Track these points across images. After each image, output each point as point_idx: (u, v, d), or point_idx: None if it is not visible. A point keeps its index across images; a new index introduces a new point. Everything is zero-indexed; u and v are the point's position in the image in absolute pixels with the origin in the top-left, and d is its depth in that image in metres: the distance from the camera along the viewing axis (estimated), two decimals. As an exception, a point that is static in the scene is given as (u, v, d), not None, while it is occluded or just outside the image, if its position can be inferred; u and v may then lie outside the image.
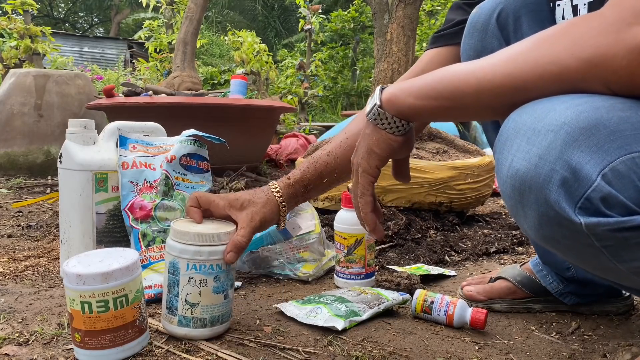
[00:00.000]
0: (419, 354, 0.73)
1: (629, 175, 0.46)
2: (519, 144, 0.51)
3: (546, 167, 0.48)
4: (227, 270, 0.73)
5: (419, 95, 0.61)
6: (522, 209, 0.52)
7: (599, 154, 0.46)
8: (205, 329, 0.72)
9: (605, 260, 0.50)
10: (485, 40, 0.77)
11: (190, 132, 1.05)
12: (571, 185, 0.47)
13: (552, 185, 0.48)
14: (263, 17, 12.80)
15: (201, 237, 0.71)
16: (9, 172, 2.58)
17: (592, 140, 0.47)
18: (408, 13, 1.61)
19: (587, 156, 0.46)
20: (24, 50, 3.83)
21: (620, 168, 0.46)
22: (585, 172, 0.46)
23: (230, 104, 2.30)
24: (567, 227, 0.49)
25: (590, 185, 0.46)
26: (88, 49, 12.26)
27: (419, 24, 5.03)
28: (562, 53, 0.51)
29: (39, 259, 1.18)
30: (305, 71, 5.74)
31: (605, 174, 0.46)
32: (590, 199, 0.46)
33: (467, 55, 0.81)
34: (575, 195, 0.47)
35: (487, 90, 0.56)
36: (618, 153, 0.46)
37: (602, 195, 0.46)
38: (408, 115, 0.63)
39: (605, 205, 0.46)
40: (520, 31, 0.75)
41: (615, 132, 0.47)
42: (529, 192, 0.50)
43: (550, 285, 0.90)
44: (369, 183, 0.69)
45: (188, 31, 2.73)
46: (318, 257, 1.08)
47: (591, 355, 0.74)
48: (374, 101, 0.65)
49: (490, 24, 0.77)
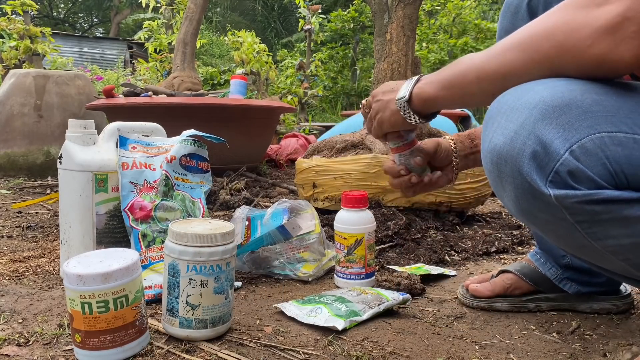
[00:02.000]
0: (419, 353, 0.73)
1: (597, 153, 0.48)
2: (500, 120, 0.55)
3: (519, 141, 0.52)
4: (227, 271, 0.73)
5: (439, 87, 0.69)
6: (501, 183, 0.56)
7: (569, 131, 0.49)
8: (207, 329, 0.72)
9: (580, 238, 0.52)
10: (516, 23, 0.81)
11: (190, 133, 1.05)
12: (542, 159, 0.50)
13: (524, 158, 0.51)
14: (263, 18, 12.79)
15: (201, 238, 0.71)
16: (9, 172, 2.58)
17: (563, 118, 0.50)
18: (408, 13, 1.61)
19: (557, 132, 0.49)
20: (24, 50, 3.83)
21: (589, 146, 0.48)
22: (554, 146, 0.49)
23: (230, 104, 2.30)
24: (541, 200, 0.51)
25: (559, 160, 0.49)
26: (88, 50, 12.25)
27: (418, 24, 5.03)
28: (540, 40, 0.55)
29: (39, 259, 1.18)
30: (305, 71, 5.74)
31: (573, 150, 0.49)
32: (558, 172, 0.49)
33: (499, 35, 0.86)
34: (546, 169, 0.50)
35: (485, 79, 0.61)
36: (587, 132, 0.49)
37: (570, 169, 0.49)
38: (430, 106, 0.71)
39: (573, 179, 0.49)
40: None
41: (587, 112, 0.50)
42: (505, 165, 0.53)
43: (550, 272, 0.90)
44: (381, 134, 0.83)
45: (188, 31, 2.73)
46: (318, 257, 1.08)
47: (591, 355, 0.74)
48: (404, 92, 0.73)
49: (522, 8, 0.81)
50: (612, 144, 0.48)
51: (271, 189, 2.08)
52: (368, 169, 1.40)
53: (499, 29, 0.87)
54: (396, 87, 0.76)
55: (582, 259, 0.61)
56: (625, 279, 0.64)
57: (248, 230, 1.10)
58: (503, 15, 0.85)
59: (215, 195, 1.84)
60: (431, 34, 6.62)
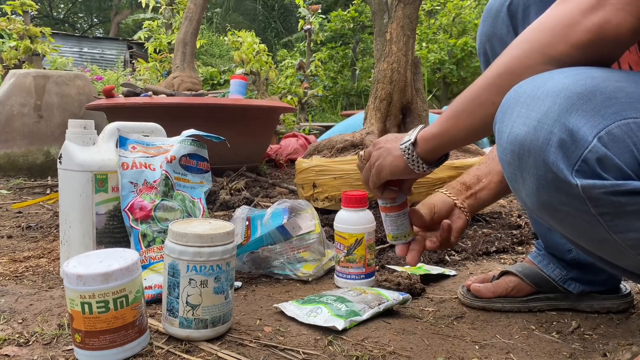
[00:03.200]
0: (419, 353, 0.73)
1: (624, 140, 0.48)
2: (519, 110, 0.53)
3: (544, 130, 0.50)
4: (227, 271, 0.73)
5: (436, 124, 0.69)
6: (521, 175, 0.54)
7: (596, 117, 0.48)
8: (207, 329, 0.72)
9: (601, 231, 0.52)
10: (496, 26, 0.81)
11: (190, 133, 1.05)
12: (569, 147, 0.49)
13: (550, 147, 0.50)
14: (263, 18, 12.79)
15: (201, 238, 0.71)
16: (9, 172, 2.58)
17: (589, 105, 0.49)
18: (408, 13, 1.60)
19: (584, 119, 0.48)
20: (24, 51, 3.83)
21: (616, 132, 0.48)
22: (582, 134, 0.48)
23: (230, 104, 2.30)
24: (565, 191, 0.50)
25: (587, 147, 0.48)
26: (88, 50, 12.25)
27: (418, 24, 5.03)
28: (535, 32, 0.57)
29: (39, 259, 1.18)
30: (305, 71, 5.73)
31: (602, 136, 0.48)
32: (586, 160, 0.48)
33: (480, 39, 0.86)
34: (573, 157, 0.49)
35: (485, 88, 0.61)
36: (614, 118, 0.48)
37: (598, 156, 0.48)
38: (433, 149, 0.70)
39: (601, 167, 0.48)
40: (528, 20, 0.79)
41: (611, 98, 0.49)
42: (528, 156, 0.52)
43: (554, 273, 0.90)
44: (377, 183, 0.79)
45: (187, 31, 2.73)
46: (318, 257, 1.08)
47: (591, 355, 0.74)
48: (410, 137, 0.72)
49: (502, 12, 0.81)
50: (639, 130, 0.48)
51: (271, 189, 2.08)
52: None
53: (480, 34, 0.85)
54: (400, 136, 0.75)
55: (593, 255, 0.61)
56: (635, 277, 0.64)
57: (248, 230, 1.10)
58: (484, 20, 0.84)
59: (215, 195, 1.84)
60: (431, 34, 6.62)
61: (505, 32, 0.81)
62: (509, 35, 0.80)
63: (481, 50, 0.86)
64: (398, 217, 0.84)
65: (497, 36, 0.82)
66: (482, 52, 0.85)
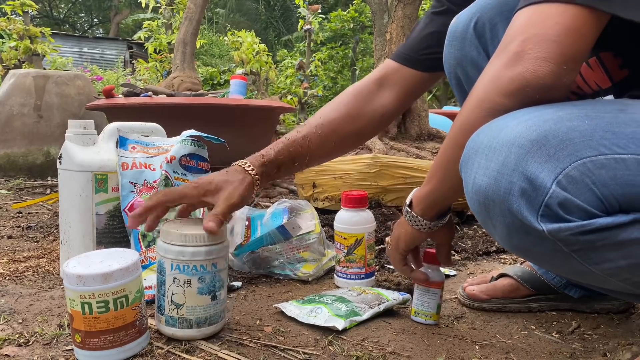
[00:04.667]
0: (419, 353, 0.73)
1: (583, 180, 0.48)
2: (479, 161, 0.54)
3: (505, 180, 0.51)
4: (213, 272, 0.72)
5: (426, 182, 0.72)
6: (491, 222, 0.55)
7: (552, 162, 0.49)
8: (191, 329, 0.72)
9: (578, 265, 0.52)
10: (464, 49, 0.79)
11: (190, 133, 1.05)
12: (530, 194, 0.50)
13: (513, 196, 0.51)
14: (265, 17, 12.79)
15: (184, 238, 0.70)
16: (9, 173, 2.58)
17: (543, 151, 0.49)
18: (407, 13, 1.60)
19: (541, 165, 0.49)
20: (24, 51, 3.83)
21: (574, 174, 0.48)
22: (540, 180, 0.49)
23: (229, 105, 2.30)
24: (534, 235, 0.51)
25: (547, 193, 0.49)
26: (87, 50, 12.25)
27: (418, 24, 5.01)
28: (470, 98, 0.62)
29: (39, 259, 1.18)
30: (304, 71, 5.73)
31: (560, 180, 0.48)
32: (549, 205, 0.49)
33: (448, 64, 0.82)
34: (535, 204, 0.49)
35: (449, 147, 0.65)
36: (569, 160, 0.49)
37: (559, 200, 0.48)
38: (426, 207, 0.73)
39: (564, 211, 0.49)
40: (497, 38, 0.77)
41: (564, 140, 0.49)
42: (494, 206, 0.53)
43: (553, 281, 0.90)
44: (401, 258, 0.82)
45: (187, 31, 2.73)
46: (318, 257, 1.08)
47: (591, 355, 0.74)
48: (406, 201, 0.76)
49: (468, 33, 0.78)
50: (596, 168, 0.48)
51: (271, 189, 2.08)
52: (368, 169, 1.40)
53: (448, 58, 0.82)
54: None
55: (578, 282, 0.61)
56: (626, 296, 0.64)
57: (248, 230, 1.10)
58: (450, 44, 0.81)
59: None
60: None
61: (476, 54, 0.78)
62: (479, 56, 0.78)
63: (452, 75, 0.83)
64: (425, 294, 0.84)
65: (467, 59, 0.79)
66: (454, 76, 0.82)
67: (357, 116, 0.89)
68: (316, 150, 0.87)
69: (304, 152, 0.86)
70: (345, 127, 0.89)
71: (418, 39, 0.92)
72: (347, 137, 0.90)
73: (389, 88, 0.93)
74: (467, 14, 0.79)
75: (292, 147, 0.85)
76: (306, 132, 0.87)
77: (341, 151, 0.94)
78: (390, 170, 1.39)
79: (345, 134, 0.89)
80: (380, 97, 0.92)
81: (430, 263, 0.85)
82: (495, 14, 0.77)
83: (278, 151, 0.85)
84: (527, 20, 0.56)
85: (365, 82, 0.95)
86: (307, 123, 0.91)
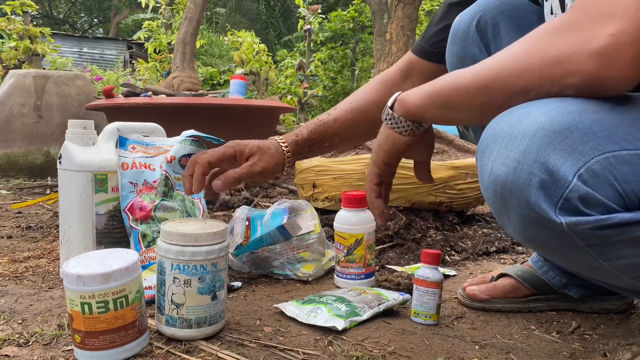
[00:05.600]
0: (419, 353, 0.73)
1: (605, 175, 0.47)
2: (498, 150, 0.53)
3: (524, 171, 0.50)
4: (213, 272, 0.72)
5: (422, 96, 0.66)
6: (506, 213, 0.54)
7: (574, 155, 0.48)
8: (191, 329, 0.72)
9: (591, 260, 0.52)
10: (467, 47, 0.80)
11: (190, 133, 1.05)
12: (549, 187, 0.49)
13: (532, 187, 0.50)
14: (266, 17, 12.79)
15: (184, 238, 0.71)
16: (9, 173, 2.58)
17: (566, 143, 0.48)
18: (407, 13, 1.61)
19: (563, 158, 0.48)
20: (24, 51, 3.83)
21: (596, 168, 0.47)
22: (562, 173, 0.48)
23: (229, 105, 2.30)
24: (550, 228, 0.50)
25: (568, 186, 0.48)
26: (87, 50, 12.24)
27: (418, 24, 5.02)
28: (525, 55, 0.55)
29: (38, 260, 1.18)
30: (304, 71, 5.74)
31: (582, 174, 0.47)
32: (568, 199, 0.48)
33: (450, 61, 0.83)
34: (554, 196, 0.49)
35: (463, 94, 0.60)
36: (592, 154, 0.48)
37: (580, 194, 0.47)
38: (413, 115, 0.67)
39: (583, 205, 0.48)
40: (499, 37, 0.78)
41: (588, 133, 0.48)
42: (511, 196, 0.52)
43: (553, 280, 0.90)
44: (375, 174, 0.76)
45: (187, 31, 2.73)
46: (318, 257, 1.08)
47: (591, 355, 0.74)
48: (387, 103, 0.71)
49: (471, 31, 0.79)
50: (618, 163, 0.47)
51: (271, 189, 2.08)
52: (368, 168, 1.40)
53: (450, 55, 0.83)
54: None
55: (587, 277, 0.61)
56: (631, 293, 0.64)
57: (248, 231, 1.10)
58: (452, 42, 0.82)
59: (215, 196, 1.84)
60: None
61: (478, 52, 0.79)
62: (481, 55, 0.78)
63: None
64: (424, 294, 0.84)
65: (469, 57, 0.80)
66: None
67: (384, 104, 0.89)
68: (345, 133, 0.90)
69: (334, 134, 0.89)
70: (373, 113, 0.89)
71: (433, 32, 0.93)
72: (374, 124, 0.88)
73: (412, 79, 0.95)
74: (470, 13, 0.80)
75: (324, 129, 0.89)
76: (337, 115, 0.91)
77: (371, 136, 0.94)
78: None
79: (372, 121, 0.89)
80: (404, 88, 0.91)
81: (430, 263, 0.85)
82: (498, 13, 0.78)
83: (310, 131, 0.88)
84: None
85: (391, 72, 0.97)
86: (338, 107, 0.94)
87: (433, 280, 0.83)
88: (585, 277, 0.61)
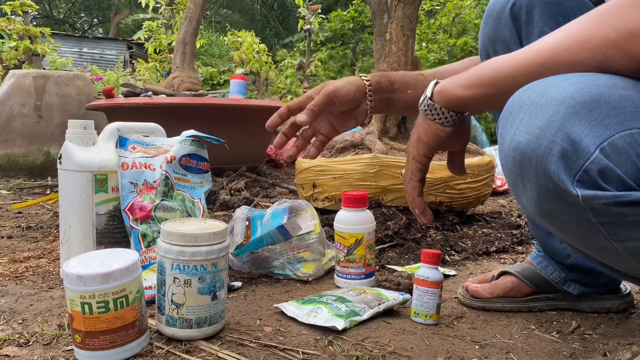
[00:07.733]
0: (419, 353, 0.73)
1: (627, 151, 0.47)
2: (522, 117, 0.52)
3: (547, 139, 0.49)
4: (214, 272, 0.72)
5: (466, 85, 0.64)
6: (522, 183, 0.53)
7: (599, 128, 0.47)
8: (192, 329, 0.72)
9: (601, 239, 0.51)
10: (499, 29, 0.80)
11: (190, 133, 1.05)
12: (570, 157, 0.48)
13: (552, 156, 0.49)
14: (262, 17, 12.77)
15: (184, 238, 0.71)
16: (9, 173, 2.58)
17: (592, 115, 0.48)
18: (407, 13, 1.60)
19: (587, 129, 0.47)
20: (24, 51, 3.83)
21: (619, 143, 0.47)
22: (584, 144, 0.47)
23: (229, 105, 2.30)
24: (565, 200, 0.49)
25: (589, 158, 0.47)
26: (87, 50, 12.24)
27: (418, 24, 5.02)
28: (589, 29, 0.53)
29: (39, 260, 1.18)
30: (304, 71, 5.74)
31: (604, 147, 0.47)
32: (588, 171, 0.47)
33: (481, 42, 0.84)
34: (574, 167, 0.48)
35: (522, 70, 0.58)
36: (617, 128, 0.47)
37: (600, 167, 0.47)
38: (456, 105, 0.66)
39: (602, 179, 0.47)
40: (532, 22, 0.77)
41: (615, 107, 0.48)
42: (529, 164, 0.51)
43: (552, 275, 0.90)
44: (417, 169, 0.72)
45: (187, 31, 2.73)
46: (318, 257, 1.08)
47: (591, 354, 0.74)
48: (425, 93, 0.69)
49: (504, 14, 0.79)
50: None
51: (271, 189, 2.08)
52: (368, 168, 1.40)
53: (482, 35, 0.84)
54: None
55: (593, 259, 0.60)
56: (634, 280, 0.64)
57: (248, 231, 1.10)
58: (486, 22, 0.82)
59: (215, 196, 1.84)
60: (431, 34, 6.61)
61: (509, 36, 0.79)
62: (512, 38, 0.78)
63: (483, 52, 0.84)
64: (424, 294, 0.83)
65: (499, 39, 0.80)
66: (485, 54, 0.84)
67: None
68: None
69: (418, 85, 0.85)
70: None
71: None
72: None
73: None
74: None
75: (407, 77, 0.86)
76: (422, 72, 0.88)
77: None
78: (390, 170, 1.39)
79: None
80: None
81: (430, 263, 0.85)
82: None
83: (393, 74, 0.86)
84: None
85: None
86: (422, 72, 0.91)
87: (433, 280, 0.83)
88: (592, 259, 0.60)
